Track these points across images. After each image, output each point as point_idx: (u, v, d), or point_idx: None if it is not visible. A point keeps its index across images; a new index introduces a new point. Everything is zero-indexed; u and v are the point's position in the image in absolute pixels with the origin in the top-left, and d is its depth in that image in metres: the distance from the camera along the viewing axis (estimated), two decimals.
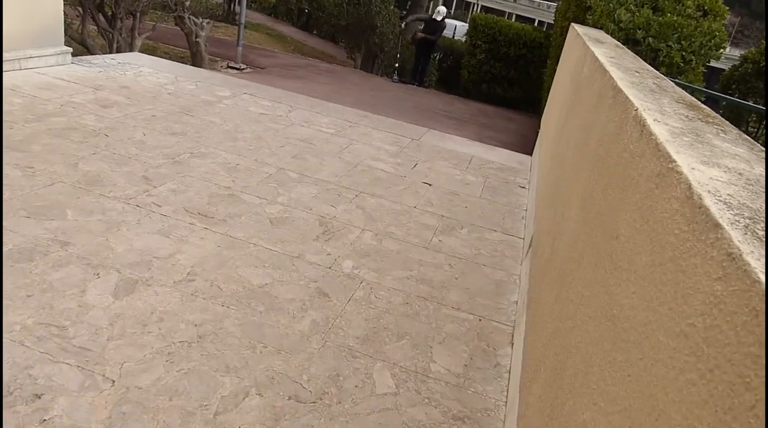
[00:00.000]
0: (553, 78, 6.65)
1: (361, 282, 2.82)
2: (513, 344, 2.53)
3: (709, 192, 0.80)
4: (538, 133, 6.86)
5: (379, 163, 4.58)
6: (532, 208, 3.92)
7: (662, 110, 1.43)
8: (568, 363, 1.28)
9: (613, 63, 2.41)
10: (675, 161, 0.94)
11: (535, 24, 27.35)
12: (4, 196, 2.97)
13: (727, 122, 1.46)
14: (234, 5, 21.74)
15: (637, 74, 2.20)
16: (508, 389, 2.25)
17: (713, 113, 1.58)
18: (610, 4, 6.22)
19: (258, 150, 4.35)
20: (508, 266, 3.30)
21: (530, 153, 5.96)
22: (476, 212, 3.98)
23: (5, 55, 4.96)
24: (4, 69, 4.97)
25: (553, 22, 13.06)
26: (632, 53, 3.55)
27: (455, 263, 3.20)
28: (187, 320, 2.32)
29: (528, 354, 2.02)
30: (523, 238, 3.68)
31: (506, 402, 2.17)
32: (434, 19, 12.66)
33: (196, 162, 3.89)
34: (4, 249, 2.55)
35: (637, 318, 0.89)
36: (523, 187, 4.72)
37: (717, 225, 0.69)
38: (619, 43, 4.12)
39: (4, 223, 2.74)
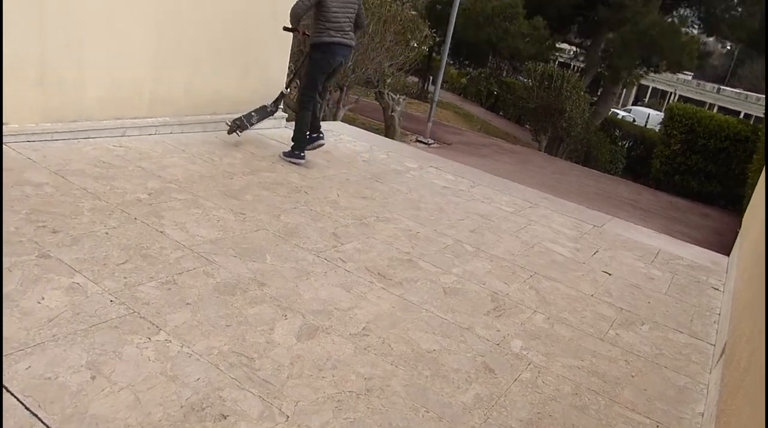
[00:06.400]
0: (760, 174, 6.09)
1: (529, 364, 2.76)
2: None
3: None
4: (737, 232, 6.26)
5: (557, 246, 4.50)
6: (726, 312, 3.56)
7: None
8: None
9: None
10: None
11: (741, 116, 25.32)
12: (218, 235, 3.42)
13: None
14: (428, 84, 23.10)
15: None
16: None
17: None
18: None
19: (438, 221, 4.52)
20: (693, 372, 3.01)
21: (727, 253, 5.44)
22: (660, 309, 3.71)
23: (235, 116, 5.77)
24: None
25: (762, 116, 12.02)
26: None
27: (632, 360, 3.00)
28: (357, 372, 2.44)
29: None
30: (714, 345, 3.34)
31: None
32: None
33: (380, 225, 4.14)
34: (214, 280, 2.91)
35: None
36: (717, 289, 4.31)
37: None
38: None
39: (216, 259, 3.14)
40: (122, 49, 4.65)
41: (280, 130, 6.25)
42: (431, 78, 22.06)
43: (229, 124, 5.28)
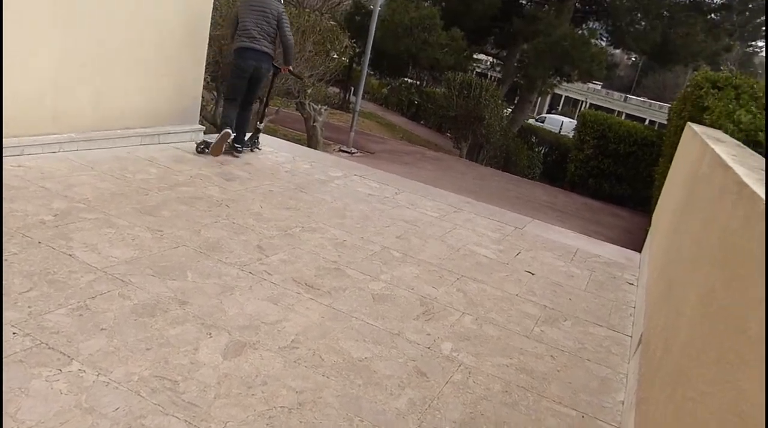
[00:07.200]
0: (665, 176, 6.47)
1: (460, 366, 2.78)
2: None
3: None
4: (647, 230, 6.61)
5: (482, 249, 4.58)
6: (641, 305, 3.74)
7: None
8: None
9: (735, 160, 2.34)
10: None
11: (646, 123, 26.94)
12: (134, 255, 3.25)
13: None
14: (349, 95, 23.20)
15: (762, 172, 2.12)
16: None
17: None
18: (730, 106, 6.05)
19: (364, 228, 4.51)
20: (614, 363, 3.13)
21: (638, 250, 5.73)
22: (581, 305, 3.85)
23: (147, 130, 5.56)
24: (145, 142, 5.56)
25: (666, 122, 12.81)
26: (754, 152, 3.42)
27: (557, 355, 3.08)
28: (288, 386, 2.38)
29: None
30: (631, 336, 3.50)
31: None
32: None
33: (306, 236, 4.08)
34: (131, 303, 2.77)
35: None
36: (632, 284, 4.52)
37: None
38: (739, 143, 3.98)
39: (133, 280, 2.98)
40: (19, 60, 4.36)
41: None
42: (352, 88, 22.16)
43: (198, 142, 5.83)
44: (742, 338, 1.13)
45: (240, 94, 5.82)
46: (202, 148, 5.72)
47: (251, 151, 6.23)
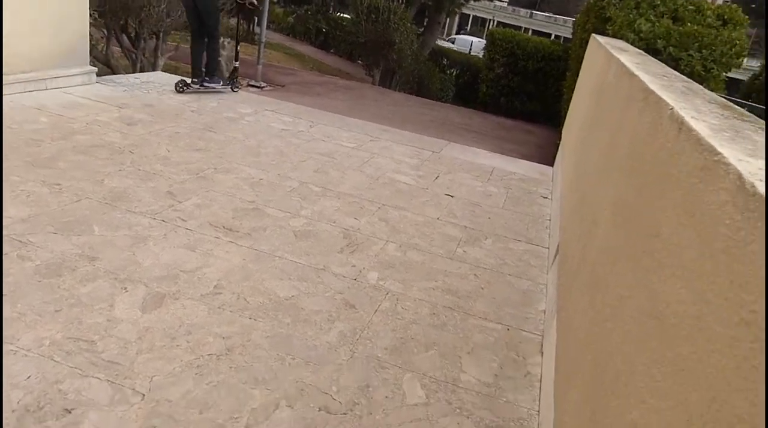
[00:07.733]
0: (573, 90, 6.62)
1: (387, 294, 2.80)
2: (543, 353, 2.49)
3: (761, 180, 0.77)
4: (558, 144, 6.82)
5: (401, 176, 4.58)
6: (556, 217, 3.88)
7: (698, 109, 1.41)
8: (609, 365, 1.24)
9: (639, 68, 2.39)
10: (721, 154, 0.92)
11: (552, 38, 27.36)
12: (31, 212, 3.01)
13: (762, 121, 1.43)
14: (253, 26, 22.10)
15: (666, 78, 2.17)
16: (540, 398, 2.20)
17: (747, 113, 1.55)
18: (630, 15, 6.19)
19: (280, 165, 4.37)
20: (534, 275, 3.25)
21: (551, 164, 5.92)
22: (500, 222, 3.95)
23: (31, 75, 5.07)
24: (30, 89, 5.07)
25: (570, 36, 13.03)
26: (655, 60, 3.52)
27: (480, 273, 3.17)
28: (215, 333, 2.31)
29: (561, 362, 1.98)
30: (548, 248, 3.64)
31: (539, 411, 2.13)
32: None
33: (220, 177, 3.92)
34: (33, 264, 2.57)
35: (687, 313, 0.87)
36: (546, 198, 4.67)
37: None
38: (641, 51, 4.09)
39: (32, 239, 2.77)
40: None
41: (90, 86, 5.62)
42: (256, 18, 21.09)
43: (177, 82, 6.01)
44: (655, 241, 1.16)
45: (194, 27, 5.93)
46: (182, 88, 5.93)
47: (232, 90, 6.41)
